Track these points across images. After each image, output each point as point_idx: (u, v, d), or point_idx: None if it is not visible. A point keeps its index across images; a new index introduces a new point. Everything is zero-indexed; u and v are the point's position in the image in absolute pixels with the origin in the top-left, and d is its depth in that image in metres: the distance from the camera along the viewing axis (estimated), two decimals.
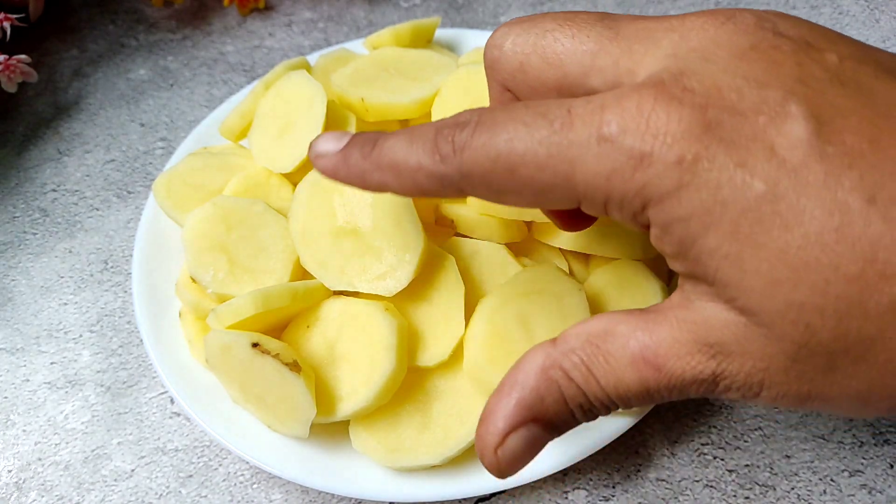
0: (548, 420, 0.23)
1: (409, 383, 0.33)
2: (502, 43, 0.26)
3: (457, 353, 0.33)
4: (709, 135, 0.19)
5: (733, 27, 0.22)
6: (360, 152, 0.25)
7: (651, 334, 0.22)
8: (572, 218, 0.30)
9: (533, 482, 0.34)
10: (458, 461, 0.32)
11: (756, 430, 0.36)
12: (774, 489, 0.35)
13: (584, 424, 0.34)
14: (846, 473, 0.35)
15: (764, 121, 0.19)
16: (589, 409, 0.23)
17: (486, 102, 0.38)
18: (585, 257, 0.37)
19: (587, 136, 0.20)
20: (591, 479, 0.35)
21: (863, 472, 0.35)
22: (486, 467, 0.24)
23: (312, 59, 0.47)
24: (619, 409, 0.23)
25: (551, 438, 0.24)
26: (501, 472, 0.23)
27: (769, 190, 0.19)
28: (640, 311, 0.23)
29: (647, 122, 0.20)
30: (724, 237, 0.19)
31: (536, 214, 0.36)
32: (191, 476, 0.36)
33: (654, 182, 0.20)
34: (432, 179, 0.23)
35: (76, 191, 0.49)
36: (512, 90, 0.26)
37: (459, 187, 0.23)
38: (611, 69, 0.23)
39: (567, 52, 0.24)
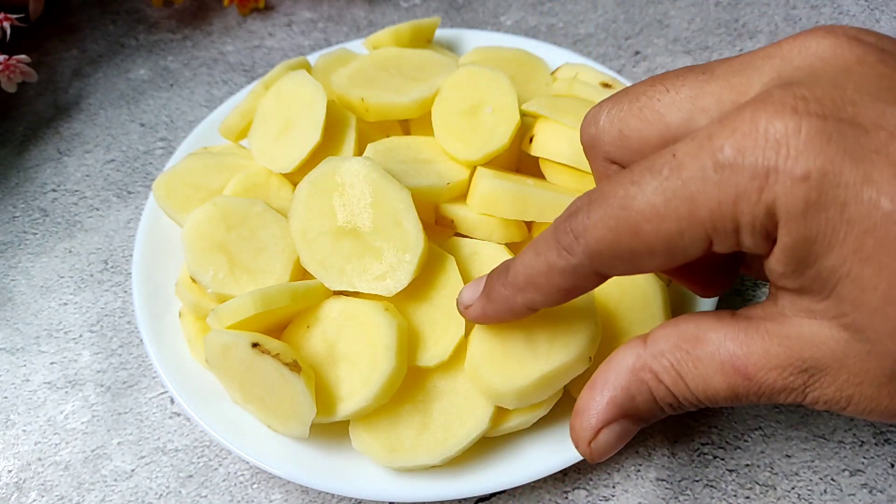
0: (638, 415, 0.25)
1: (409, 383, 0.33)
2: (597, 118, 0.26)
3: (457, 354, 0.33)
4: (832, 147, 0.19)
5: (835, 41, 0.21)
6: (498, 283, 0.26)
7: (742, 345, 0.22)
8: (709, 277, 0.28)
9: (533, 482, 0.34)
10: (458, 461, 0.32)
11: (756, 429, 0.36)
12: (775, 489, 0.35)
13: None
14: (847, 473, 0.35)
15: (885, 135, 0.19)
16: (678, 406, 0.24)
17: (485, 102, 0.38)
18: None
19: (701, 168, 0.20)
20: (591, 479, 0.35)
21: (863, 472, 0.35)
22: (581, 454, 0.26)
23: (312, 59, 0.47)
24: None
25: (640, 428, 0.25)
26: (594, 460, 0.25)
27: (895, 209, 0.18)
28: (729, 317, 0.23)
29: (764, 137, 0.19)
30: (848, 256, 0.19)
31: (537, 214, 0.35)
32: (191, 476, 0.36)
33: (781, 199, 0.19)
34: (567, 275, 0.23)
35: (76, 191, 0.49)
36: (617, 161, 0.26)
37: (595, 270, 0.23)
38: (715, 106, 0.23)
39: (665, 105, 0.24)
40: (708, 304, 0.37)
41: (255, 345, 0.31)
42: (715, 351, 0.23)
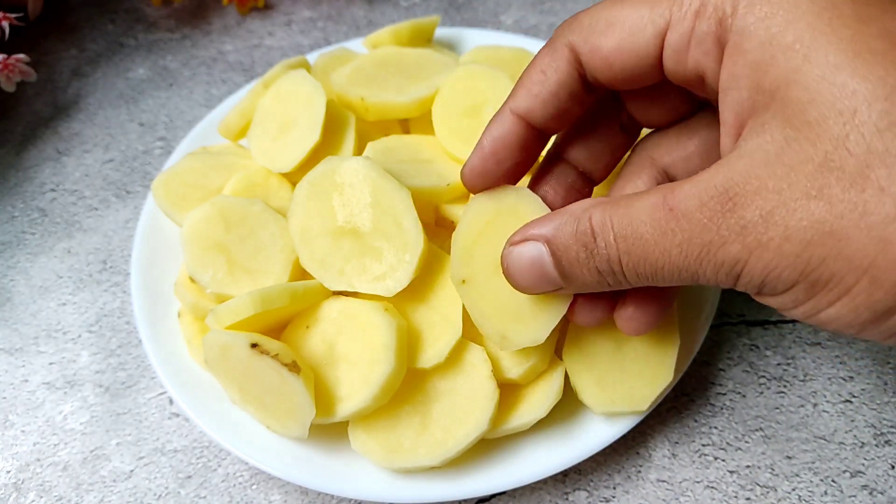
0: (556, 249, 0.27)
1: (408, 384, 0.33)
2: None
3: (456, 355, 0.33)
4: None
5: None
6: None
7: (675, 186, 0.24)
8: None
9: (533, 483, 0.34)
10: (458, 462, 0.32)
11: (757, 430, 0.36)
12: (775, 490, 0.34)
13: (584, 425, 0.34)
14: (847, 474, 0.35)
15: None
16: (594, 251, 0.26)
17: (486, 102, 0.38)
18: None
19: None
20: (591, 480, 0.35)
21: (864, 473, 0.35)
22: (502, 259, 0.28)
23: (312, 58, 0.47)
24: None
25: (552, 280, 0.27)
26: (505, 271, 0.28)
27: None
28: None
29: None
30: (805, 28, 0.22)
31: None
32: (190, 477, 0.36)
33: None
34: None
35: (75, 190, 0.49)
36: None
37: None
38: None
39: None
40: (712, 301, 0.37)
41: (254, 345, 0.31)
42: (650, 195, 0.23)
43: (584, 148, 0.31)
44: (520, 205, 0.30)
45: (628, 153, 0.31)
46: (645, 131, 0.31)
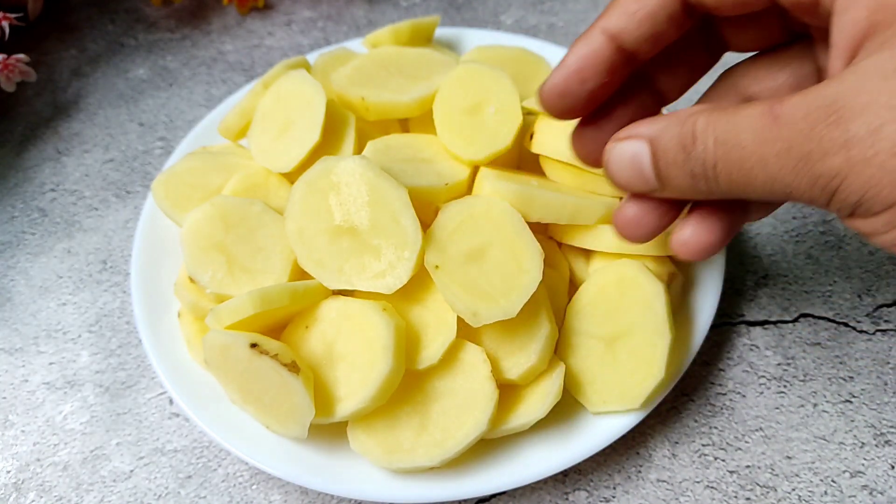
0: (659, 150, 0.26)
1: (407, 385, 0.33)
2: None
3: (455, 355, 0.33)
4: None
5: None
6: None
7: (782, 99, 0.23)
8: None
9: (533, 483, 0.34)
10: (457, 462, 0.32)
11: (757, 430, 0.36)
12: (775, 490, 0.34)
13: (583, 425, 0.34)
14: (847, 474, 0.35)
15: None
16: (693, 154, 0.25)
17: (487, 101, 0.38)
18: (586, 255, 0.37)
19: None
20: (591, 480, 0.35)
21: (864, 473, 0.35)
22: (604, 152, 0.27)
23: (312, 58, 0.47)
24: None
25: (650, 186, 0.26)
26: (606, 163, 0.27)
27: None
28: None
29: None
30: None
31: (542, 215, 0.35)
32: (190, 477, 0.36)
33: None
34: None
35: (75, 191, 0.49)
36: None
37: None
38: None
39: None
40: (709, 309, 0.37)
41: (253, 345, 0.31)
42: (757, 104, 0.23)
43: (665, 65, 0.29)
44: (491, 209, 0.34)
45: (714, 81, 0.30)
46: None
